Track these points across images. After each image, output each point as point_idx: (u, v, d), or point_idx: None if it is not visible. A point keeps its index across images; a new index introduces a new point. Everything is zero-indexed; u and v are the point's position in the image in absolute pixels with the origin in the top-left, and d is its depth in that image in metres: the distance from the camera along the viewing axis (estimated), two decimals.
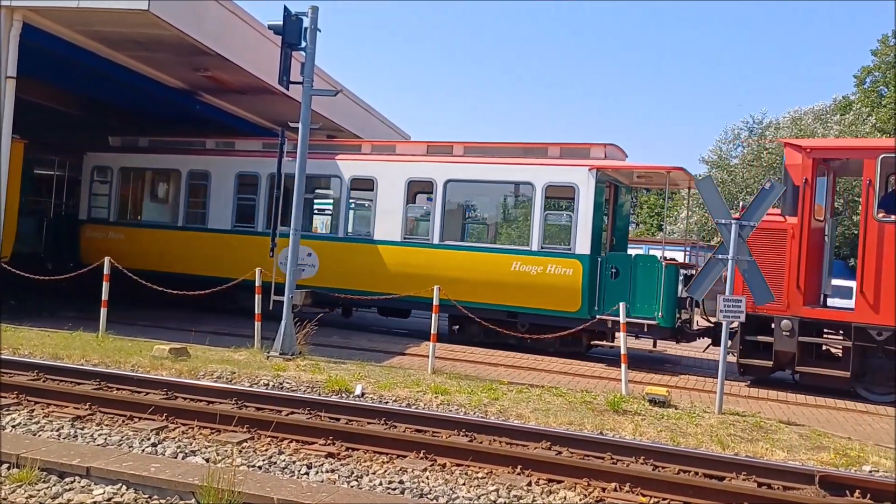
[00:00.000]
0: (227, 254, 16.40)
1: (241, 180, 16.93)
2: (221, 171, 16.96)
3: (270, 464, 6.59)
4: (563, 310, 13.86)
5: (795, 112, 43.69)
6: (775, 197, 9.93)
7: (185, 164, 17.44)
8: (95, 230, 17.95)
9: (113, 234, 17.73)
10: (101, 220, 18.05)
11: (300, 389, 9.67)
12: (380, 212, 15.46)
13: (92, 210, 18.18)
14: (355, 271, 15.42)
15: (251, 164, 16.85)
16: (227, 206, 16.82)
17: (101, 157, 18.38)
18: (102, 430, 7.32)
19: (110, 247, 16.62)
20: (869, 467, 7.65)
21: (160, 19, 12.51)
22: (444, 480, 6.45)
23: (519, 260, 14.32)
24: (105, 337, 12.16)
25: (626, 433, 8.39)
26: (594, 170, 13.96)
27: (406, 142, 15.80)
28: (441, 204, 15.10)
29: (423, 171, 15.43)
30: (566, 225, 14.77)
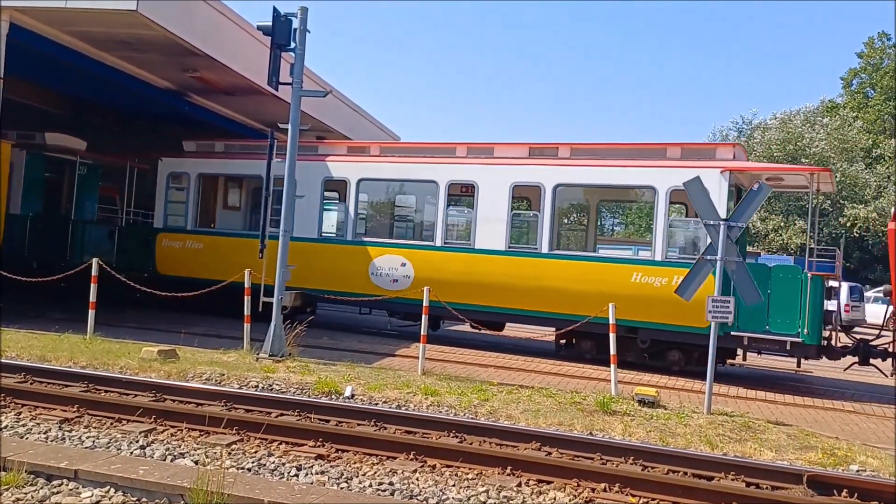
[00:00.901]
0: (313, 264, 15.37)
1: (327, 187, 16.13)
2: (306, 177, 15.55)
3: (260, 466, 6.57)
4: (691, 325, 12.61)
5: (784, 114, 43.95)
6: (763, 198, 9.99)
7: (266, 172, 16.24)
8: (172, 239, 17.09)
9: (191, 242, 16.93)
10: (178, 228, 17.17)
11: (290, 391, 9.65)
12: (481, 219, 14.50)
13: (168, 218, 17.36)
14: (454, 283, 14.29)
15: (339, 169, 15.95)
16: (314, 213, 15.84)
17: (177, 162, 17.53)
18: (90, 433, 7.27)
19: (188, 256, 16.47)
20: (856, 467, 7.70)
21: (148, 20, 12.45)
22: (433, 482, 6.44)
23: (640, 271, 13.30)
24: (93, 339, 12.09)
25: (616, 434, 8.41)
26: (726, 172, 12.88)
27: (506, 144, 14.79)
28: (550, 210, 14.03)
29: (528, 176, 14.33)
30: (693, 233, 13.88)
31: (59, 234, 18.09)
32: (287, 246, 12.55)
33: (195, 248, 16.86)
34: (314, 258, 15.40)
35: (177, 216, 17.32)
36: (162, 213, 17.37)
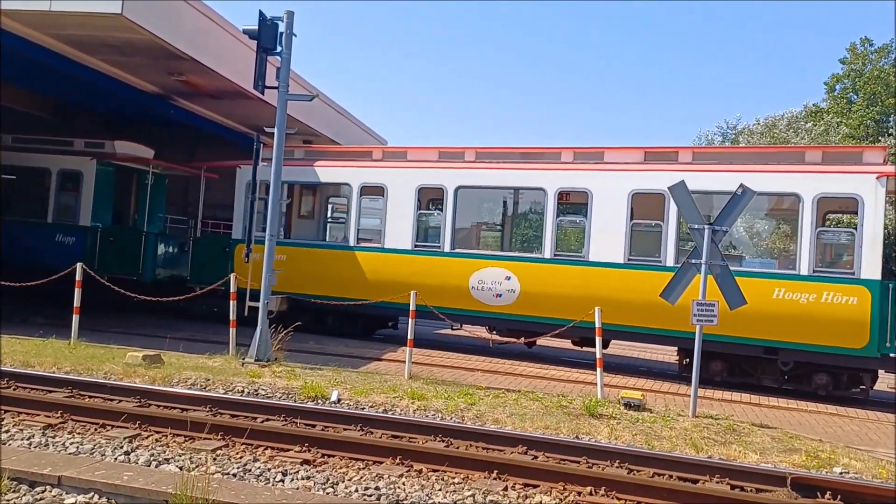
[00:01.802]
0: (407, 277, 14.61)
1: (421, 195, 15.37)
2: (398, 185, 15.11)
3: (245, 471, 6.54)
4: (842, 346, 11.82)
5: (767, 119, 44.24)
6: (747, 202, 10.05)
7: (357, 177, 15.69)
8: (253, 250, 15.78)
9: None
10: (259, 239, 15.78)
11: (275, 396, 9.62)
12: (596, 229, 13.53)
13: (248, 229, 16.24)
14: (564, 297, 13.41)
15: (434, 177, 15.05)
16: (407, 224, 15.03)
17: (259, 170, 16.10)
18: (74, 439, 7.22)
19: None
20: (839, 469, 7.76)
21: (134, 23, 12.40)
22: (420, 486, 6.44)
23: (783, 286, 12.28)
24: (77, 344, 12.01)
25: (602, 437, 8.44)
26: (883, 177, 11.94)
27: (618, 148, 13.87)
28: (676, 220, 13.05)
29: (648, 183, 13.37)
30: (845, 244, 12.94)
31: (130, 247, 17.51)
32: (273, 249, 12.49)
33: (278, 259, 15.39)
34: (408, 270, 14.63)
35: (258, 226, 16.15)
36: (240, 224, 16.34)
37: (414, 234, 14.93)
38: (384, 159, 15.86)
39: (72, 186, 17.66)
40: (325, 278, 15.23)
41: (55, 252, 16.91)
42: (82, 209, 17.41)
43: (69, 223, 17.51)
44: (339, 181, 16.24)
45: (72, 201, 17.60)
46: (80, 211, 17.43)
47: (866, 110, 46.15)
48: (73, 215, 17.55)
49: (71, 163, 17.63)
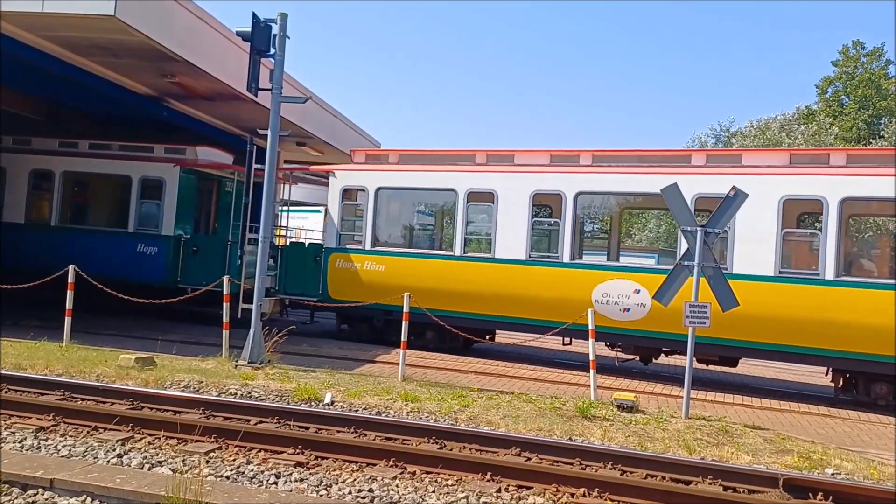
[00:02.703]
0: (520, 289, 13.84)
1: (536, 201, 14.41)
2: (509, 191, 14.42)
3: (238, 473, 6.53)
4: None
5: (759, 121, 44.41)
6: (739, 205, 10.09)
7: (463, 182, 14.87)
8: (348, 260, 15.44)
9: (370, 264, 15.17)
10: (355, 248, 15.49)
11: (269, 398, 9.61)
12: (740, 238, 12.56)
13: (342, 237, 15.73)
14: None
15: (550, 182, 14.10)
16: (521, 233, 14.15)
17: (353, 176, 15.89)
18: (66, 442, 7.20)
19: (369, 278, 15.00)
20: (831, 470, 7.80)
21: (127, 25, 12.36)
22: (413, 488, 6.45)
23: None
24: (69, 346, 11.97)
25: (595, 439, 8.46)
26: None
27: (757, 150, 13.07)
28: (836, 227, 12.10)
29: (805, 188, 12.39)
30: None
31: (214, 257, 16.77)
32: (266, 251, 12.48)
33: (375, 269, 15.14)
34: (520, 283, 13.79)
35: (352, 235, 15.77)
36: (335, 232, 15.71)
37: (528, 243, 14.06)
38: (489, 163, 15.04)
39: (153, 194, 17.11)
40: (426, 290, 14.27)
41: (136, 262, 16.43)
42: (165, 218, 16.81)
43: (151, 232, 16.92)
44: (443, 186, 15.25)
45: (154, 210, 17.02)
46: (162, 220, 16.82)
47: (858, 113, 46.38)
48: (154, 224, 16.95)
49: (153, 170, 17.14)
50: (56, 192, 17.74)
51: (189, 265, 16.71)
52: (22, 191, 17.98)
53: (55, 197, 17.73)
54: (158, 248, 16.72)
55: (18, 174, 18.02)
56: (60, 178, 17.77)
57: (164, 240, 16.77)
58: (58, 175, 17.76)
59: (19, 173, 18.02)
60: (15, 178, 18.02)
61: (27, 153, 18.14)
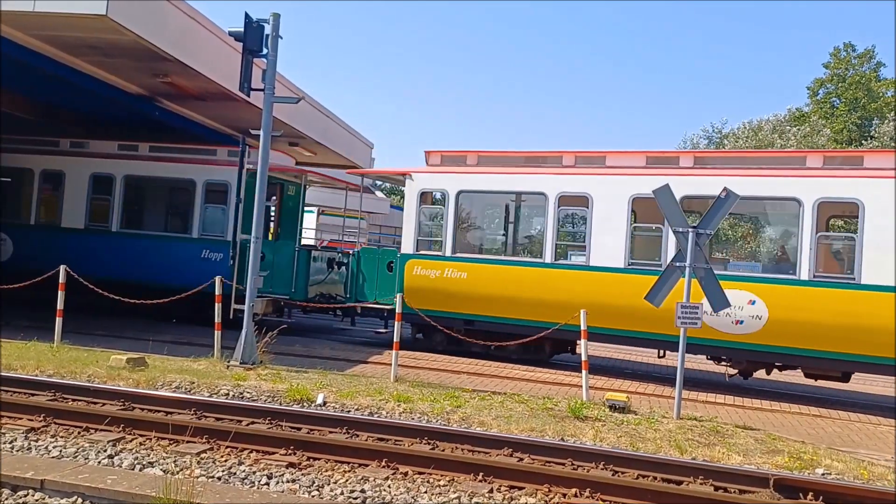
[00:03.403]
0: (618, 299, 12.90)
1: (635, 206, 13.49)
2: (607, 195, 13.44)
3: (230, 474, 6.52)
4: None
5: (750, 123, 44.60)
6: (731, 206, 10.12)
7: (554, 185, 14.04)
8: (427, 266, 14.74)
9: (452, 271, 14.43)
10: (436, 255, 14.85)
11: (261, 399, 9.59)
12: (869, 245, 11.74)
13: (419, 243, 15.02)
14: (825, 326, 11.75)
15: (653, 185, 13.36)
16: (620, 240, 13.37)
17: (432, 178, 15.21)
18: (57, 442, 7.18)
19: (449, 286, 14.26)
20: (822, 470, 7.84)
21: (118, 24, 12.31)
22: (405, 489, 6.45)
23: None
24: (60, 347, 11.93)
25: (587, 439, 8.48)
26: None
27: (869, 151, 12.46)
28: None
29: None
30: None
31: (281, 263, 16.42)
32: (259, 252, 12.44)
33: (457, 277, 14.44)
34: (619, 292, 13.00)
35: (431, 240, 15.05)
36: (412, 237, 15.04)
37: (627, 250, 13.26)
38: (577, 165, 14.29)
39: (218, 199, 16.57)
40: (511, 299, 13.80)
41: (200, 269, 15.64)
42: (230, 223, 16.23)
43: (216, 238, 16.34)
44: (531, 190, 14.57)
45: (219, 214, 16.45)
46: (227, 224, 16.23)
47: (848, 115, 46.62)
48: (220, 229, 16.37)
49: (218, 173, 16.61)
50: (116, 197, 17.21)
51: None
52: (82, 195, 17.44)
53: (115, 202, 17.20)
54: (224, 254, 16.12)
55: (78, 178, 17.52)
56: (121, 182, 17.24)
57: (229, 245, 16.19)
58: (118, 179, 17.24)
59: (79, 177, 17.51)
60: (74, 183, 17.53)
61: (86, 156, 17.62)
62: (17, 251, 17.49)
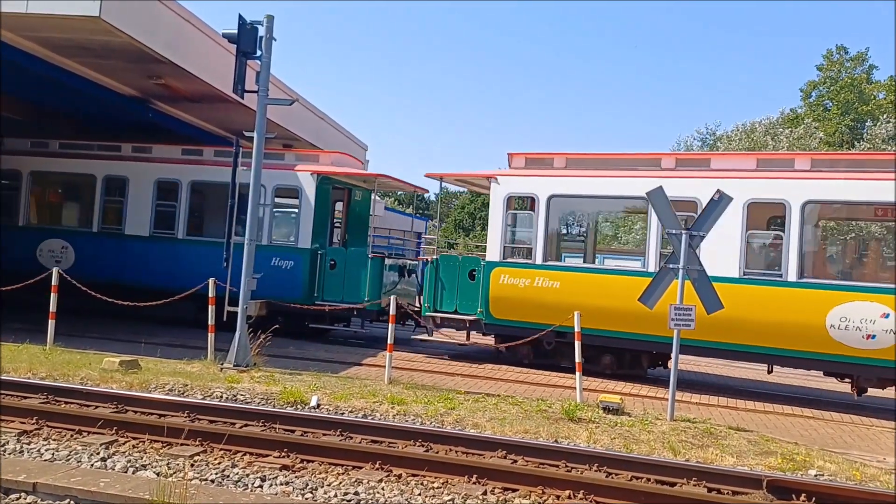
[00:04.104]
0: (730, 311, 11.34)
1: (751, 211, 12.66)
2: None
3: (223, 477, 6.50)
4: None
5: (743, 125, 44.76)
6: (724, 208, 10.15)
7: None
8: (515, 275, 13.92)
9: (543, 280, 13.61)
10: (524, 262, 14.12)
11: (254, 401, 9.57)
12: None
13: (506, 250, 14.26)
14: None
15: (772, 189, 12.41)
16: (733, 246, 12.47)
17: (520, 182, 14.32)
18: (50, 445, 7.15)
19: (540, 296, 13.39)
20: (814, 471, 7.86)
21: (112, 26, 12.30)
22: (399, 491, 6.44)
23: None
24: (53, 349, 11.89)
25: (581, 441, 8.48)
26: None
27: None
28: None
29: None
30: None
31: (353, 271, 15.54)
32: (252, 254, 12.42)
33: (549, 286, 13.63)
34: (732, 303, 11.63)
35: (519, 247, 14.35)
36: (498, 244, 14.24)
37: (742, 259, 12.47)
38: (678, 168, 13.53)
39: (288, 205, 16.15)
40: (608, 310, 13.01)
41: (270, 278, 14.94)
42: (301, 230, 15.71)
43: (287, 245, 15.86)
44: (629, 195, 13.59)
45: (289, 221, 16.04)
46: (298, 231, 15.75)
47: (841, 118, 46.83)
48: (291, 236, 15.96)
49: (288, 178, 15.98)
50: (182, 203, 16.59)
51: (328, 280, 15.54)
52: (147, 202, 16.89)
53: (181, 208, 16.58)
54: (295, 262, 15.61)
55: (142, 184, 16.96)
56: (187, 187, 16.64)
57: (301, 253, 15.64)
58: (184, 185, 16.63)
59: (143, 183, 16.96)
60: (138, 189, 16.99)
61: (150, 161, 17.08)
62: (80, 259, 16.96)
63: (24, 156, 18.00)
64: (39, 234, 17.54)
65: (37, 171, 17.98)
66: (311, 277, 15.52)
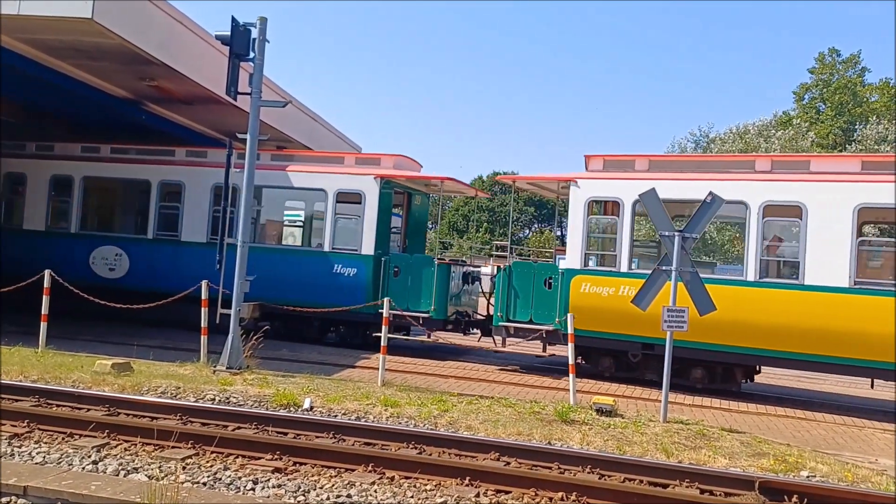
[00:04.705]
0: (843, 322, 11.47)
1: (861, 217, 12.06)
2: (827, 202, 12.00)
3: (215, 480, 6.48)
4: None
5: (737, 127, 44.91)
6: (716, 210, 10.18)
7: (756, 193, 12.52)
8: (598, 283, 13.23)
9: (628, 289, 12.63)
10: (608, 270, 13.34)
11: (247, 404, 9.55)
12: None
13: (588, 257, 13.65)
14: None
15: (889, 193, 11.69)
16: (841, 253, 11.85)
17: (603, 186, 13.61)
18: (41, 448, 7.11)
19: (623, 306, 12.22)
20: (806, 472, 7.88)
21: (104, 28, 12.27)
22: (392, 493, 6.43)
23: None
24: (45, 352, 11.84)
25: (574, 443, 8.49)
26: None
27: None
28: None
29: None
30: None
31: (418, 278, 14.93)
32: (246, 256, 12.37)
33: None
34: (842, 315, 11.56)
35: (602, 254, 13.76)
36: (579, 251, 13.53)
37: (852, 267, 11.77)
38: (774, 170, 12.81)
39: (350, 210, 15.54)
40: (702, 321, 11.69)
41: (332, 285, 14.78)
42: (364, 236, 15.15)
43: (349, 251, 15.22)
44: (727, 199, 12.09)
45: (351, 226, 15.38)
46: (361, 237, 15.18)
47: (833, 120, 47.02)
48: (353, 242, 15.28)
49: (350, 182, 15.44)
50: (241, 209, 15.77)
51: (392, 288, 14.88)
52: (203, 207, 16.28)
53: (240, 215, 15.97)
54: (358, 269, 15.07)
55: (198, 189, 16.39)
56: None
57: (364, 260, 15.10)
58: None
59: (199, 188, 16.39)
60: (194, 193, 16.43)
61: (207, 166, 16.39)
62: (134, 268, 16.55)
63: (76, 161, 17.33)
64: (92, 241, 16.94)
65: (90, 176, 17.36)
66: (375, 285, 15.00)
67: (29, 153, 17.93)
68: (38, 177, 17.62)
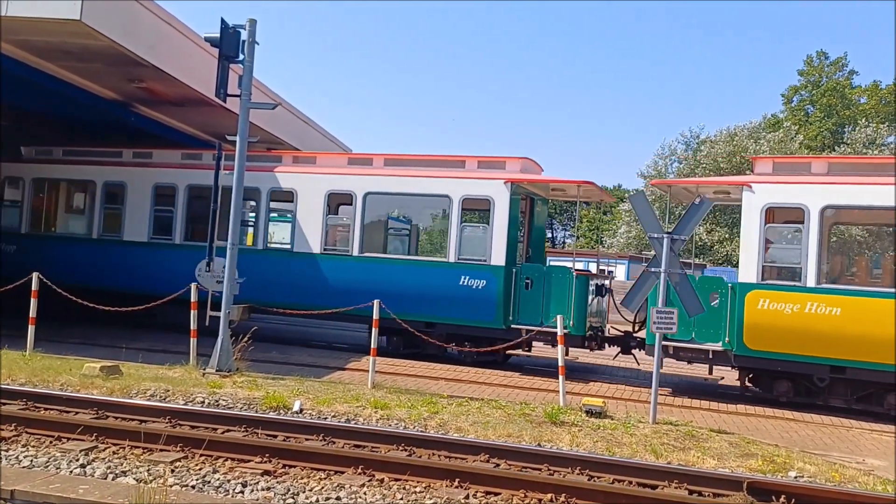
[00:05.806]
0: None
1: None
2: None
3: (204, 483, 6.47)
4: None
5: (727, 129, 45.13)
6: (705, 212, 10.22)
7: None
8: (779, 300, 12.06)
9: (816, 306, 11.75)
10: (791, 285, 12.09)
11: (237, 407, 9.53)
12: None
13: (765, 270, 12.39)
14: None
15: None
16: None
17: (783, 191, 12.42)
18: (28, 452, 7.07)
19: (809, 325, 11.61)
20: (794, 473, 7.93)
21: (92, 29, 12.21)
22: (381, 496, 6.43)
23: None
24: (33, 355, 11.77)
25: (564, 444, 8.51)
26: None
27: None
28: None
29: None
30: None
31: (553, 291, 13.89)
32: (235, 258, 12.34)
33: (824, 313, 11.71)
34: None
35: (781, 267, 12.55)
36: (754, 263, 12.31)
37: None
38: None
39: (476, 217, 15.01)
40: None
41: (457, 299, 14.08)
42: (494, 245, 14.14)
43: (476, 262, 14.25)
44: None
45: (479, 234, 14.46)
46: (490, 246, 14.20)
47: (822, 122, 47.31)
48: (480, 252, 14.31)
49: (476, 188, 14.55)
50: (357, 217, 15.16)
51: (523, 301, 14.02)
52: (318, 217, 15.45)
53: (356, 223, 15.15)
54: (487, 281, 14.11)
55: (312, 197, 15.58)
56: (362, 200, 15.15)
57: (494, 271, 14.10)
58: (358, 197, 15.17)
59: (313, 196, 15.58)
60: (308, 203, 15.63)
61: (320, 173, 15.75)
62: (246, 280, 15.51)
63: (180, 168, 16.84)
64: (197, 252, 15.22)
65: (193, 184, 16.45)
66: (507, 298, 14.05)
67: None
68: None
